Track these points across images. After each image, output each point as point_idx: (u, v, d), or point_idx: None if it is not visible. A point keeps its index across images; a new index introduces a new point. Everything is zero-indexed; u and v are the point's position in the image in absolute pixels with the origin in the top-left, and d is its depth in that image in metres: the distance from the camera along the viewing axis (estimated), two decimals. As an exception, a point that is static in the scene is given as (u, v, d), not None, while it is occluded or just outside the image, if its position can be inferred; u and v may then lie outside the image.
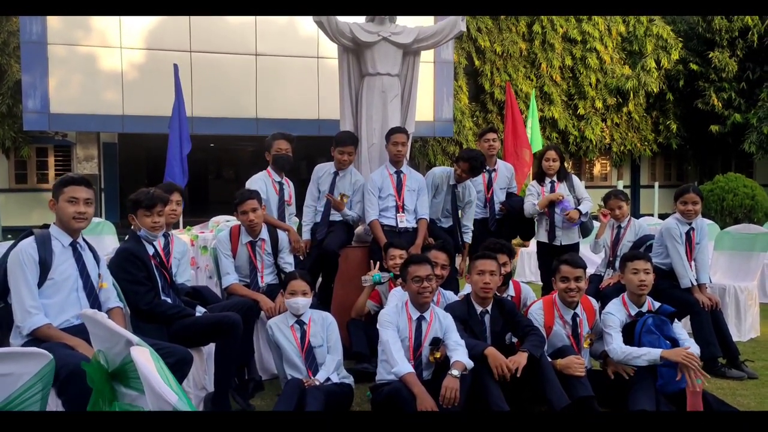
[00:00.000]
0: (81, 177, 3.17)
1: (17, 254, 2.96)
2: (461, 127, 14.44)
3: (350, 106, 5.51)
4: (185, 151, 8.08)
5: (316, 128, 12.65)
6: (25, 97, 10.97)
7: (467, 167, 5.23)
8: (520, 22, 15.12)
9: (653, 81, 15.06)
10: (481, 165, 5.26)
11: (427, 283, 3.66)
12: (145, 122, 11.64)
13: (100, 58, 11.35)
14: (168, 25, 11.70)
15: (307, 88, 12.50)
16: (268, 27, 12.28)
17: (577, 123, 15.50)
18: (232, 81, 12.10)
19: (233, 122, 12.28)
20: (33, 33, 10.87)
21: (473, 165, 5.22)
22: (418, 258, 3.85)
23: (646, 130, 16.04)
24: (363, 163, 5.47)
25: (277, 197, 5.01)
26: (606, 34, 15.46)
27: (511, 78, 14.75)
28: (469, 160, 5.22)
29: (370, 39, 5.32)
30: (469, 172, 5.26)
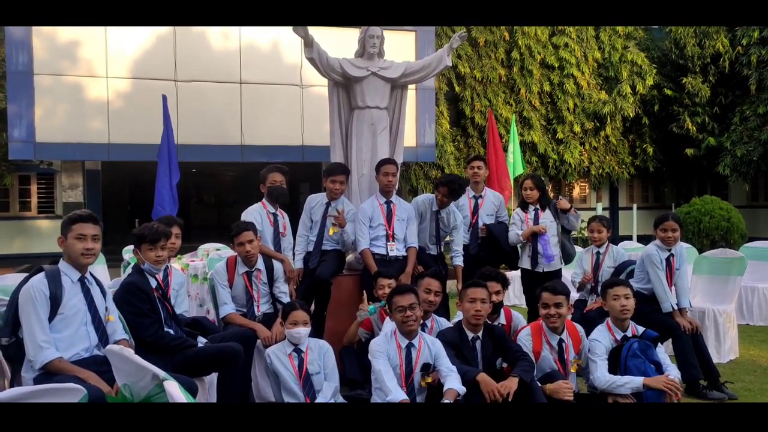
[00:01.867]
0: (89, 214, 3.28)
1: (29, 290, 3.05)
2: (443, 151, 14.69)
3: (340, 138, 5.67)
4: (174, 180, 8.18)
5: (300, 154, 12.80)
6: (10, 127, 11.00)
7: (446, 191, 5.40)
8: (499, 49, 15.48)
9: (629, 106, 15.46)
10: (460, 187, 5.43)
11: (410, 312, 3.79)
12: (130, 150, 11.71)
13: (86, 88, 11.44)
14: (154, 54, 11.83)
15: (292, 115, 12.67)
16: (252, 55, 12.46)
17: (556, 147, 15.84)
18: (217, 109, 12.23)
19: (219, 149, 12.40)
20: (19, 63, 10.94)
21: (452, 188, 5.38)
22: (402, 288, 3.99)
23: (623, 153, 16.43)
24: (353, 193, 5.61)
25: (272, 228, 5.14)
26: (582, 60, 15.87)
27: (491, 103, 15.06)
28: (448, 184, 5.39)
29: (360, 74, 5.51)
30: (449, 196, 5.42)
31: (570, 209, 5.71)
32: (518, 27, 15.52)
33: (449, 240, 5.69)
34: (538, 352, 4.14)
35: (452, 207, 5.61)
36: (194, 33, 12.07)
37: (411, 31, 13.16)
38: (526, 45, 15.50)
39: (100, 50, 11.48)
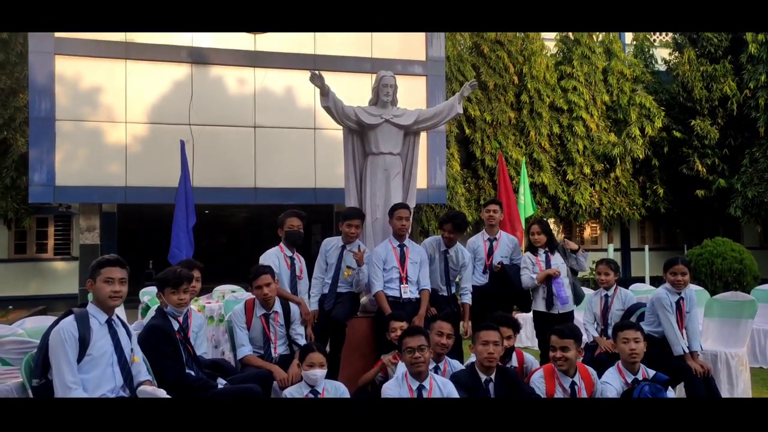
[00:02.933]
0: (116, 258, 3.42)
1: (59, 332, 3.17)
2: (453, 193, 14.84)
3: (355, 183, 5.83)
4: (191, 224, 8.35)
5: (312, 196, 12.98)
6: (31, 171, 11.28)
7: (452, 227, 5.57)
8: (509, 92, 15.75)
9: (638, 147, 15.61)
10: (463, 222, 5.60)
11: (419, 354, 3.87)
12: (146, 193, 11.94)
13: (105, 133, 11.74)
14: (171, 99, 12.14)
15: (304, 157, 12.89)
16: (266, 100, 12.75)
17: (566, 188, 15.96)
18: (231, 152, 12.47)
19: (233, 191, 12.60)
20: (42, 109, 11.27)
21: (456, 222, 5.55)
22: (412, 330, 4.09)
23: (634, 194, 16.50)
24: (367, 236, 5.74)
25: (289, 271, 5.26)
26: (591, 103, 16.10)
27: (501, 145, 15.26)
28: (452, 219, 5.58)
29: (374, 121, 5.70)
30: (455, 231, 5.58)
31: (578, 250, 5.83)
32: (527, 71, 15.81)
33: (457, 280, 5.81)
34: (551, 394, 4.19)
35: (459, 246, 5.76)
36: (211, 78, 12.40)
37: (422, 76, 13.46)
38: (535, 88, 15.77)
39: (120, 96, 11.81)
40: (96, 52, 11.65)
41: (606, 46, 16.73)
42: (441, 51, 13.60)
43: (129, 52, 11.85)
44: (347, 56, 12.97)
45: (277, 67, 12.72)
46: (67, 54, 11.48)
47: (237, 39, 12.48)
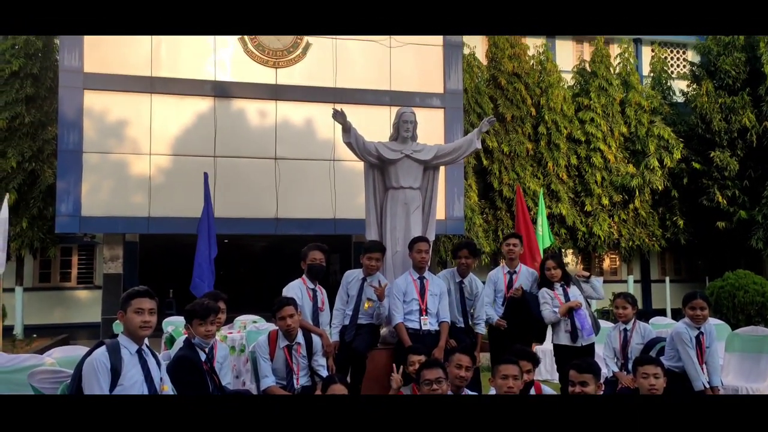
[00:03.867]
0: (145, 289, 3.54)
1: (92, 362, 3.29)
2: (471, 224, 14.89)
3: (375, 216, 5.94)
4: (212, 255, 8.49)
5: (331, 227, 13.10)
6: (58, 202, 11.54)
7: (467, 252, 5.74)
8: (526, 124, 15.87)
9: (657, 179, 15.60)
10: (476, 248, 5.73)
11: (437, 386, 3.92)
12: (168, 223, 12.15)
13: (130, 164, 12.01)
14: (194, 131, 12.41)
15: (324, 189, 13.04)
16: (287, 132, 12.97)
17: (584, 219, 15.95)
18: (252, 183, 12.67)
19: (253, 222, 12.76)
20: (70, 142, 11.58)
21: (471, 249, 5.77)
22: (430, 363, 4.16)
23: (653, 225, 16.43)
24: (388, 269, 5.84)
25: (311, 303, 5.36)
26: (609, 134, 16.16)
27: (518, 177, 15.34)
28: (468, 246, 5.81)
29: (394, 156, 5.83)
30: (470, 256, 5.74)
31: (589, 276, 5.90)
32: (544, 103, 15.94)
33: (470, 310, 5.89)
34: (570, 428, 4.20)
35: (472, 275, 5.87)
36: (233, 111, 12.67)
37: (440, 108, 13.62)
38: (553, 120, 15.88)
39: (145, 129, 12.10)
40: (123, 86, 11.98)
41: (623, 78, 16.85)
42: (459, 83, 13.78)
43: (154, 86, 12.17)
44: (366, 89, 13.19)
45: (298, 100, 12.97)
46: (95, 89, 11.82)
47: (259, 73, 12.77)
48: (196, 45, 12.48)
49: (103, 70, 11.88)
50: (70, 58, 11.68)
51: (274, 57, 12.82)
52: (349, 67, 13.18)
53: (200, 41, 12.49)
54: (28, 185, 12.93)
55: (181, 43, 12.40)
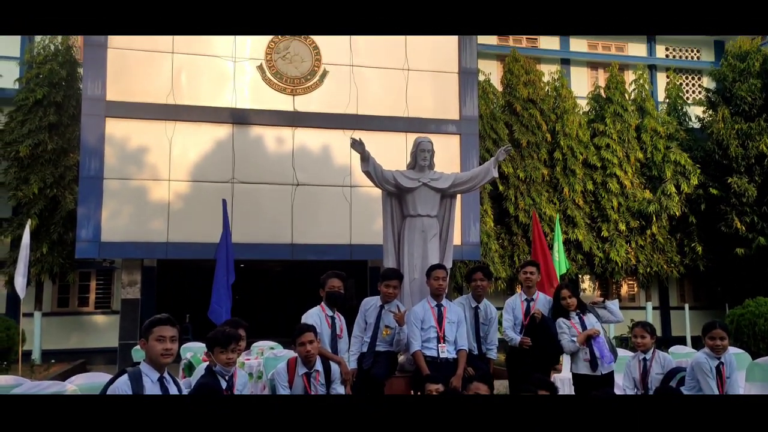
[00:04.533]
0: (167, 317, 3.59)
1: (114, 391, 3.32)
2: (487, 249, 14.88)
3: (393, 244, 5.99)
4: (230, 281, 8.56)
5: (348, 253, 13.14)
6: (79, 228, 11.70)
7: (481, 275, 5.82)
8: (541, 150, 15.90)
9: (675, 205, 15.52)
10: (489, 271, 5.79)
11: None
12: (186, 248, 12.25)
13: (149, 191, 12.17)
14: (213, 158, 12.56)
15: (340, 214, 13.12)
16: (304, 158, 13.09)
17: (601, 245, 15.87)
18: (269, 209, 12.77)
19: (270, 247, 12.84)
20: (91, 169, 11.77)
21: (486, 271, 5.89)
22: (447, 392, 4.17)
23: (671, 252, 16.29)
24: (405, 296, 5.86)
25: (330, 331, 5.39)
26: (625, 160, 16.14)
27: (534, 202, 15.33)
28: (481, 268, 5.95)
29: (412, 185, 5.89)
30: (485, 279, 5.86)
31: (603, 300, 5.89)
32: (560, 128, 15.98)
33: (482, 334, 5.89)
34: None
35: (486, 300, 5.89)
36: (251, 138, 12.82)
37: (455, 134, 13.69)
38: (568, 146, 15.90)
39: (165, 156, 12.27)
40: (143, 114, 12.19)
41: (638, 104, 16.87)
42: (474, 110, 13.87)
43: (174, 113, 12.36)
44: (382, 116, 13.32)
45: (315, 127, 13.11)
46: (116, 116, 12.04)
47: (277, 100, 12.94)
48: (216, 73, 12.70)
49: (124, 98, 12.11)
50: (94, 86, 11.93)
51: (291, 84, 13.00)
52: (366, 94, 13.33)
53: (220, 69, 12.71)
54: (49, 211, 13.12)
55: (201, 71, 12.62)
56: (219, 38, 12.73)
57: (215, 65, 12.70)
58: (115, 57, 12.15)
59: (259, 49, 12.90)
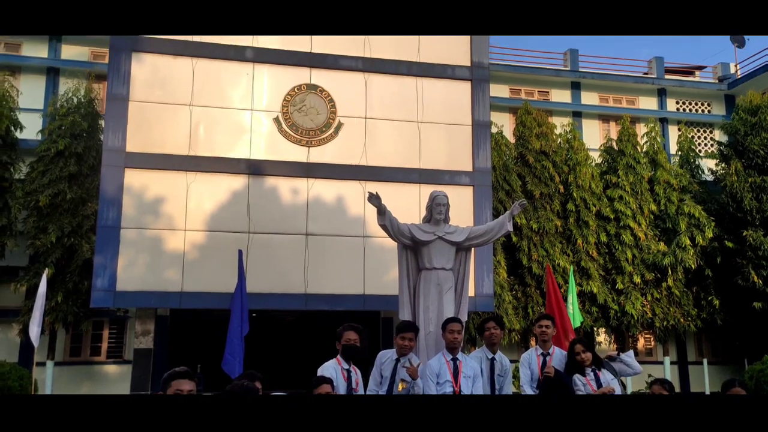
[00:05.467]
0: (185, 371, 3.61)
1: None
2: (501, 300, 14.79)
3: (409, 296, 6.00)
4: (244, 332, 8.56)
5: (361, 303, 13.10)
6: (95, 277, 11.78)
7: (494, 324, 5.84)
8: (554, 201, 15.94)
9: (690, 257, 15.41)
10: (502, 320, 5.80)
11: None
12: (200, 298, 12.28)
13: (165, 240, 12.28)
14: (228, 208, 12.69)
15: (353, 264, 13.13)
16: (318, 209, 13.20)
17: (616, 297, 15.72)
18: (283, 259, 12.81)
19: (283, 297, 12.83)
20: (109, 218, 11.92)
21: (498, 320, 5.90)
22: None
23: (688, 305, 16.08)
24: (421, 350, 5.84)
25: (345, 383, 5.37)
26: (638, 212, 16.12)
27: (548, 253, 15.29)
28: (494, 318, 5.95)
29: (427, 238, 5.94)
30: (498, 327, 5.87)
31: (617, 354, 5.82)
32: (572, 180, 16.04)
33: (497, 388, 5.83)
34: None
35: (501, 353, 5.86)
36: (266, 188, 12.97)
37: (468, 186, 13.78)
38: (581, 197, 15.94)
39: (181, 206, 12.42)
40: (162, 165, 12.40)
41: (651, 156, 16.95)
42: (487, 161, 13.98)
43: (191, 164, 12.57)
44: (396, 167, 13.46)
45: (329, 178, 13.25)
46: (135, 167, 12.25)
47: (292, 151, 13.13)
48: (233, 125, 12.94)
49: (143, 149, 12.34)
50: (114, 138, 12.19)
51: (307, 136, 13.21)
52: (380, 146, 13.51)
53: (237, 121, 12.96)
54: (66, 260, 13.25)
55: (218, 123, 12.87)
56: (237, 91, 13.03)
57: (232, 117, 12.96)
58: (135, 109, 12.44)
59: (275, 102, 13.16)
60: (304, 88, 13.31)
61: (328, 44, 13.50)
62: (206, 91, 12.83)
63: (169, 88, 12.68)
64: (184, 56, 12.83)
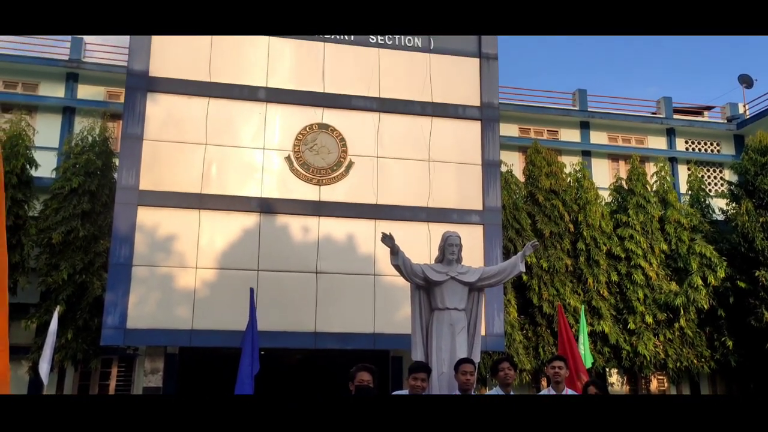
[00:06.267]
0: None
1: None
2: (511, 340, 14.67)
3: (421, 337, 5.99)
4: (255, 371, 8.51)
5: (371, 342, 13.03)
6: (105, 314, 11.80)
7: (508, 364, 5.83)
8: (564, 240, 15.91)
9: (702, 297, 15.28)
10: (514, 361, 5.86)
11: None
12: (210, 336, 12.26)
13: (176, 278, 12.32)
14: (239, 246, 12.75)
15: (364, 303, 13.10)
16: (328, 247, 13.23)
17: (628, 338, 15.56)
18: (293, 297, 12.80)
19: (293, 336, 12.79)
20: (121, 256, 11.99)
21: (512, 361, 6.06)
22: None
23: (701, 346, 15.89)
24: (433, 391, 5.80)
25: (357, 427, 5.32)
26: (649, 251, 16.05)
27: (558, 292, 15.20)
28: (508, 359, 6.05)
29: (440, 278, 5.96)
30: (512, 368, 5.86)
31: None
32: (582, 219, 16.03)
33: None
34: None
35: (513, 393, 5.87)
36: (277, 226, 13.04)
37: (478, 225, 13.80)
38: (591, 236, 15.91)
39: (193, 244, 12.49)
40: (174, 203, 12.51)
41: (661, 195, 16.95)
42: (497, 200, 14.02)
43: (203, 202, 12.68)
44: (406, 206, 13.51)
45: (340, 216, 13.32)
46: (148, 205, 12.36)
47: (303, 190, 13.22)
48: (245, 164, 13.08)
49: (156, 187, 12.48)
50: (128, 176, 12.34)
51: (318, 175, 13.33)
52: (390, 185, 13.58)
53: (249, 160, 13.10)
54: (77, 297, 13.28)
55: (231, 162, 13.01)
56: (249, 130, 13.21)
57: (244, 156, 13.10)
58: (149, 148, 12.62)
59: (287, 141, 13.31)
60: (315, 127, 13.47)
61: (340, 84, 13.72)
62: (219, 131, 13.01)
63: (183, 128, 12.88)
64: (199, 96, 13.05)
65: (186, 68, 13.09)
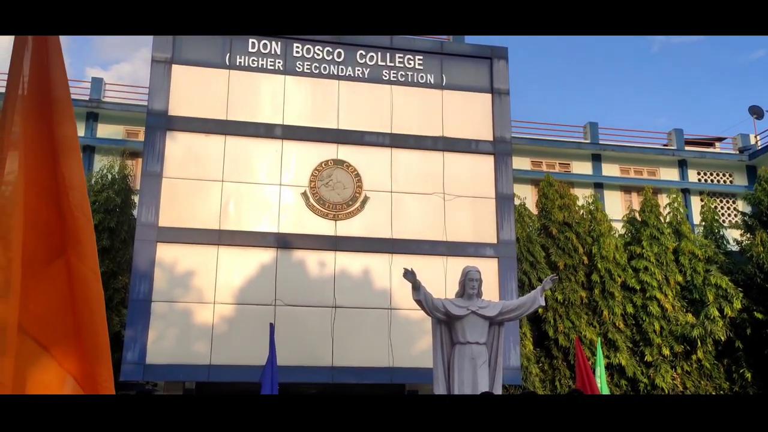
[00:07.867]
0: None
1: None
2: (527, 373, 14.61)
3: (443, 371, 6.07)
4: (275, 406, 8.57)
5: (388, 376, 13.04)
6: (125, 350, 11.91)
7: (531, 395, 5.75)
8: (579, 272, 15.93)
9: (719, 329, 15.19)
10: None
11: None
12: (228, 371, 12.32)
13: (194, 313, 12.45)
14: (257, 281, 12.89)
15: (380, 337, 13.13)
16: (345, 281, 13.33)
17: (645, 370, 15.46)
18: (310, 332, 12.87)
19: (310, 370, 12.82)
20: (141, 292, 12.16)
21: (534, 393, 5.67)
22: None
23: (719, 378, 15.75)
24: (456, 425, 5.85)
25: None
26: (664, 283, 16.03)
27: (573, 325, 15.18)
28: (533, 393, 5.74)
29: (461, 313, 6.06)
30: None
31: None
32: (596, 251, 16.06)
33: None
34: None
35: None
36: (294, 261, 13.18)
37: (494, 258, 13.87)
38: (606, 268, 15.93)
39: (211, 279, 12.64)
40: (193, 239, 12.70)
41: (674, 227, 16.98)
42: (512, 233, 14.10)
43: (221, 238, 12.86)
44: (422, 240, 13.62)
45: (356, 251, 13.44)
46: (167, 241, 12.55)
47: (319, 225, 13.39)
48: (262, 200, 13.29)
49: (175, 224, 12.68)
50: (147, 213, 12.56)
51: (334, 210, 13.49)
52: (405, 219, 13.72)
53: (265, 196, 13.30)
54: (96, 333, 13.38)
55: (248, 198, 13.23)
56: (266, 167, 13.44)
57: (261, 192, 13.32)
58: (168, 186, 12.85)
59: (303, 177, 13.53)
60: (331, 163, 13.69)
61: (354, 120, 13.96)
62: (236, 168, 13.25)
63: (201, 165, 13.13)
64: (216, 134, 13.32)
65: (204, 107, 13.40)
